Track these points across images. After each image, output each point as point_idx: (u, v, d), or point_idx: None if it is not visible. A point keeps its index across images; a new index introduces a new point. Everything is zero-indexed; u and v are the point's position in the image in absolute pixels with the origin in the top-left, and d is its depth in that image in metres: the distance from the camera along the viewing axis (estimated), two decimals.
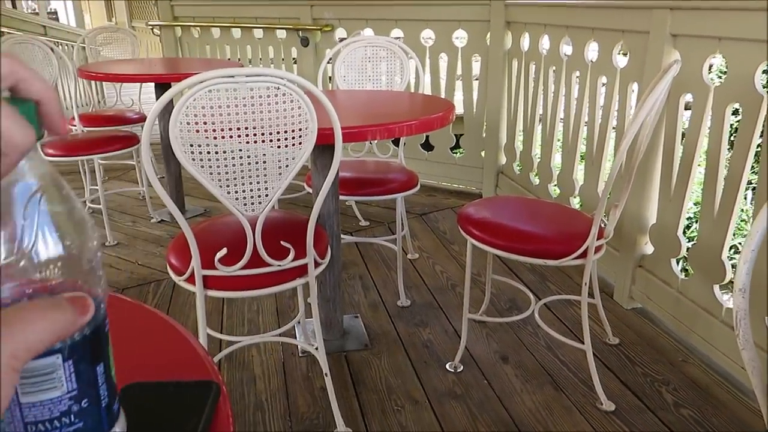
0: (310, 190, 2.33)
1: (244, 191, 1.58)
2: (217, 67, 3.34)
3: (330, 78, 3.19)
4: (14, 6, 10.63)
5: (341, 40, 4.16)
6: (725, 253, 2.00)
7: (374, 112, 2.19)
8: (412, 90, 3.15)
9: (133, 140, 3.12)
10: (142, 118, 3.73)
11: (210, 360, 0.69)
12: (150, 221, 3.41)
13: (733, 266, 2.06)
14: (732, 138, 2.04)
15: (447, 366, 2.06)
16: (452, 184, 3.95)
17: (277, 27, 4.41)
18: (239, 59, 4.67)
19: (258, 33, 4.58)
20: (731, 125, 2.08)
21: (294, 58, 4.46)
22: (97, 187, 3.21)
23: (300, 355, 2.12)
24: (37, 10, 11.67)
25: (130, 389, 0.59)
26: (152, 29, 5.15)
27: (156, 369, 0.68)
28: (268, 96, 1.50)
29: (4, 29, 5.01)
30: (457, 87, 3.81)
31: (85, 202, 3.57)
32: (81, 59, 4.67)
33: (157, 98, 3.31)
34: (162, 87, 3.25)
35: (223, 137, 1.52)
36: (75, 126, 3.42)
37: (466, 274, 2.00)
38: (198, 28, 4.86)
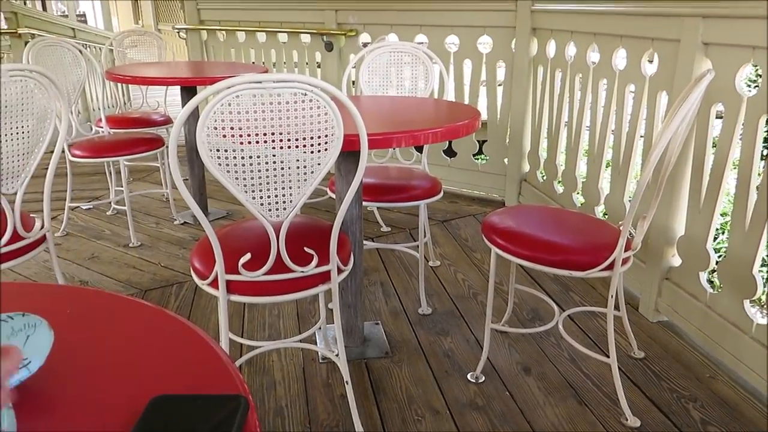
0: (333, 195, 2.33)
1: (269, 197, 1.58)
2: (242, 71, 3.37)
3: (354, 82, 3.19)
4: (44, 8, 10.84)
5: (365, 44, 4.17)
6: (756, 267, 1.95)
7: (399, 118, 2.18)
8: (436, 95, 3.14)
9: (158, 143, 3.15)
10: (168, 121, 3.77)
11: (237, 371, 0.69)
12: (173, 223, 3.43)
13: (765, 280, 2.01)
14: (764, 149, 1.99)
15: (468, 376, 2.03)
16: (474, 191, 3.92)
17: (302, 31, 4.43)
18: (263, 63, 4.69)
19: (283, 37, 4.60)
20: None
21: (318, 63, 4.47)
22: (122, 188, 3.24)
23: (320, 361, 2.12)
24: (66, 13, 11.90)
25: (157, 402, 0.58)
26: (179, 32, 5.20)
27: (182, 379, 0.68)
28: (295, 102, 1.50)
29: (34, 31, 5.11)
30: (481, 93, 3.79)
31: (110, 203, 3.62)
32: (108, 61, 4.74)
33: (183, 101, 3.34)
34: (188, 90, 3.28)
35: (249, 142, 1.52)
36: (102, 128, 3.47)
37: (489, 284, 1.98)
38: (223, 32, 4.91)
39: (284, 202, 1.59)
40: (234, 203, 3.61)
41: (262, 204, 1.58)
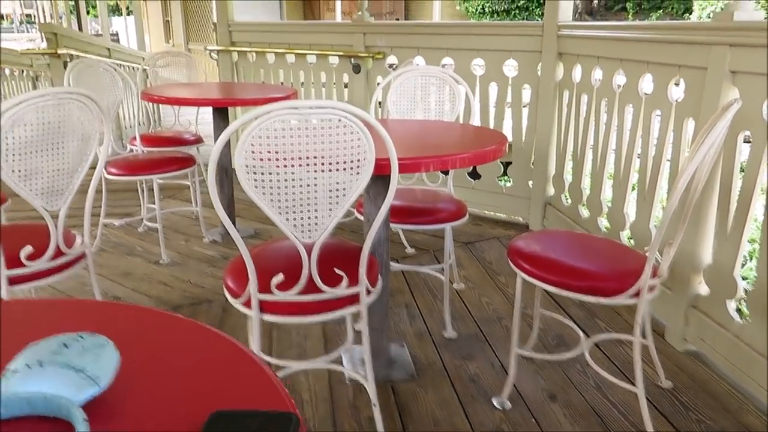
0: (360, 216, 2.37)
1: (302, 218, 1.63)
2: (272, 92, 3.45)
3: (380, 103, 3.24)
4: (80, 28, 11.18)
5: (392, 66, 4.24)
6: None
7: (427, 143, 2.22)
8: (462, 118, 3.17)
9: (189, 162, 3.23)
10: (199, 140, 3.86)
11: (284, 388, 0.72)
12: (202, 241, 3.50)
13: None
14: None
15: (494, 402, 2.04)
16: (499, 214, 3.94)
17: (330, 53, 4.52)
18: (292, 84, 4.79)
19: (311, 58, 4.70)
20: None
21: (345, 83, 4.56)
22: (153, 206, 3.33)
23: (347, 382, 2.14)
24: (100, 32, 12.25)
25: (216, 417, 0.62)
26: (210, 53, 5.34)
27: (234, 395, 0.71)
28: (329, 127, 1.55)
29: (72, 52, 5.28)
30: (506, 115, 3.82)
31: (141, 220, 3.70)
32: (142, 81, 4.88)
33: (215, 121, 3.42)
34: (219, 111, 3.36)
35: (285, 166, 1.57)
36: (136, 146, 3.57)
37: (515, 309, 1.99)
38: (254, 53, 5.02)
39: (316, 223, 1.64)
40: (262, 222, 3.67)
41: (294, 225, 1.63)
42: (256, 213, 1.48)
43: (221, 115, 3.38)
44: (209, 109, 3.41)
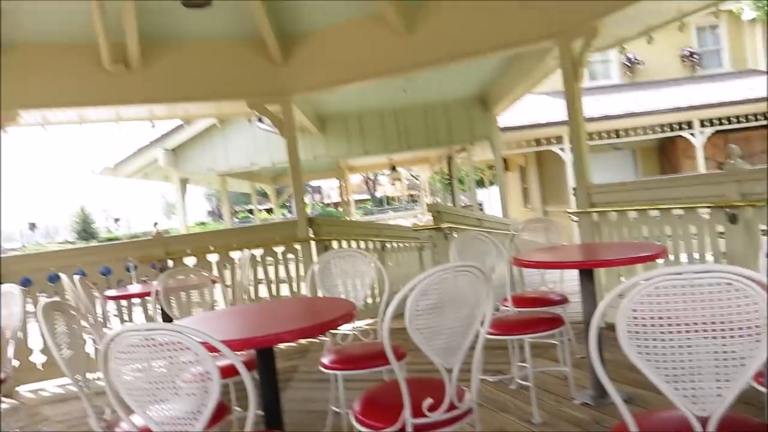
0: (758, 386, 2.06)
1: (693, 388, 1.53)
2: (637, 250, 3.39)
3: None
4: (453, 203, 13.01)
5: None
6: None
7: None
8: None
9: (558, 322, 3.33)
10: (564, 300, 3.96)
11: None
12: (572, 402, 3.45)
13: None
14: None
15: None
16: None
17: (699, 206, 4.28)
18: (658, 239, 4.62)
19: (677, 212, 4.51)
20: None
21: (719, 232, 4.20)
22: (524, 364, 3.47)
23: None
24: (469, 203, 14.03)
25: None
26: (571, 216, 5.59)
27: None
28: (719, 291, 1.48)
29: (450, 225, 6.18)
30: None
31: (511, 377, 3.88)
32: (507, 245, 5.33)
33: (581, 282, 3.50)
34: (585, 272, 3.44)
35: (670, 332, 1.54)
36: (508, 306, 3.86)
37: None
38: (615, 212, 5.07)
39: (711, 395, 1.52)
40: (634, 386, 3.44)
41: (685, 395, 1.54)
42: (628, 376, 1.42)
43: (587, 276, 3.45)
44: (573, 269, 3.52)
